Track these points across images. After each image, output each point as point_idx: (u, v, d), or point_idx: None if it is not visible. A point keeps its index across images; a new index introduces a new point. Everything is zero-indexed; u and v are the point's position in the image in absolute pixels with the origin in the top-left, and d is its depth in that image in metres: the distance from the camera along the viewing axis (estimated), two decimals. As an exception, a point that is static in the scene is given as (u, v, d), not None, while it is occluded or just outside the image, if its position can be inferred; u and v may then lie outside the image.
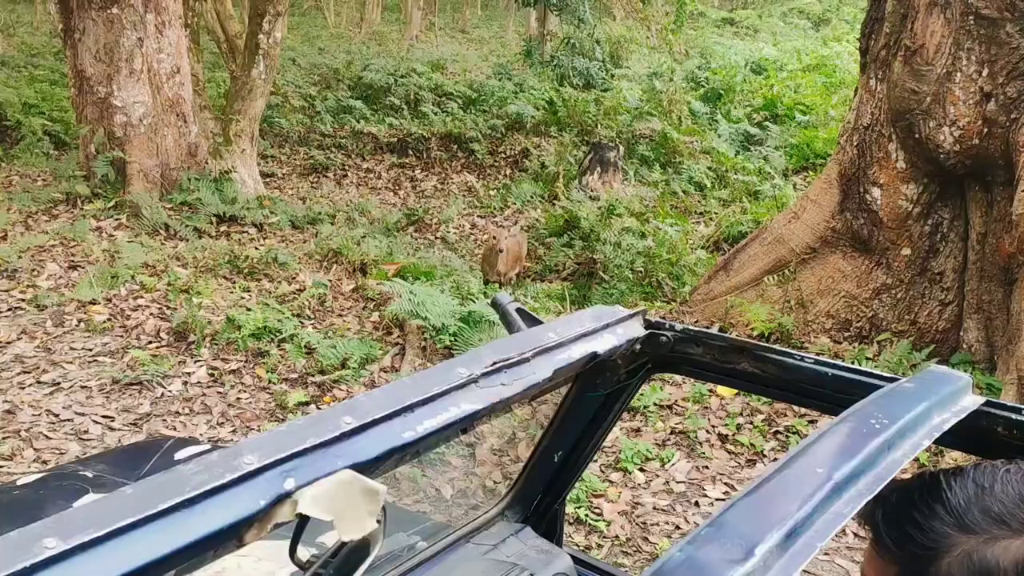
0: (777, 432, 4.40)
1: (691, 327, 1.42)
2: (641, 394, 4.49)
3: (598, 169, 9.25)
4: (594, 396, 1.52)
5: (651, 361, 1.48)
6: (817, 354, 5.03)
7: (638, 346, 1.42)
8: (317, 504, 0.92)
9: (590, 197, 8.71)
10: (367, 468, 0.99)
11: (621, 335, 1.38)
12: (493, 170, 10.66)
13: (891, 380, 1.19)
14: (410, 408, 1.07)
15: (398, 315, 5.39)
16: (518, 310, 1.42)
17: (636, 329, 1.42)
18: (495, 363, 1.18)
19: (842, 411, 1.06)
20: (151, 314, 5.61)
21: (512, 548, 1.65)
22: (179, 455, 2.23)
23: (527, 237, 7.77)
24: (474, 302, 5.59)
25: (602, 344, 1.33)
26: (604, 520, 3.74)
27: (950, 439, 1.09)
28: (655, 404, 4.62)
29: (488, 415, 1.18)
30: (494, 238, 6.86)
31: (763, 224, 6.32)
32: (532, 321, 1.40)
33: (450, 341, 5.11)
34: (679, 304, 6.08)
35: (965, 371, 4.70)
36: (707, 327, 5.60)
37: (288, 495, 0.90)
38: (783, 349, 1.35)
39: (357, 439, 0.99)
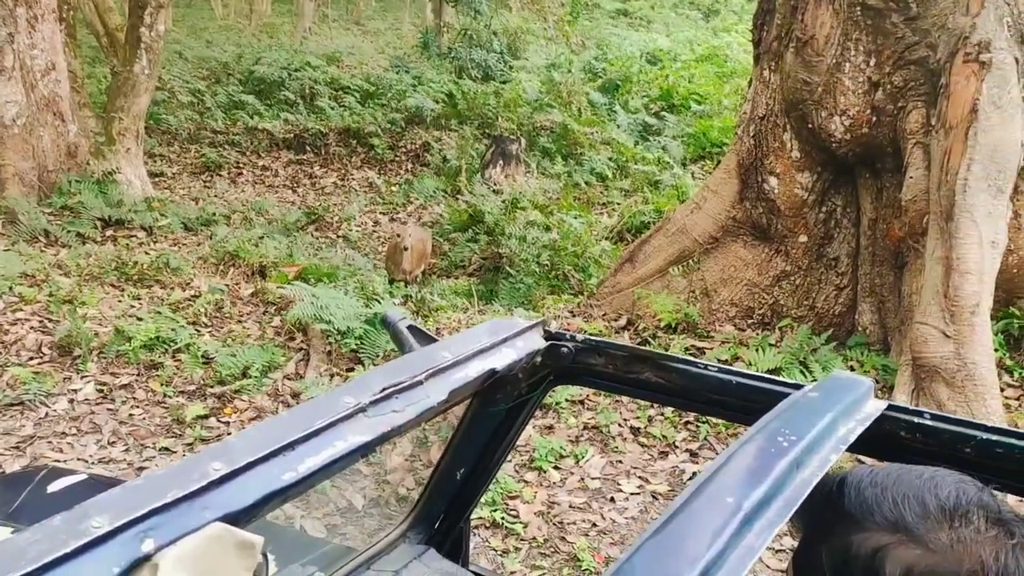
0: (688, 423, 4.44)
1: (592, 337, 1.37)
2: (553, 391, 4.46)
3: (500, 162, 9.21)
4: (495, 411, 1.45)
5: (552, 373, 1.42)
6: (722, 342, 5.11)
7: (538, 359, 1.36)
8: (182, 565, 0.82)
9: (493, 191, 8.66)
10: (241, 518, 0.90)
11: (520, 348, 1.32)
12: (394, 165, 10.48)
13: (796, 387, 1.17)
14: (290, 446, 0.97)
15: (301, 319, 5.21)
16: (410, 327, 1.34)
17: (536, 341, 1.35)
18: (385, 389, 1.10)
19: (747, 419, 1.02)
20: (31, 328, 5.26)
21: (415, 572, 1.57)
22: (52, 487, 2.06)
23: (431, 233, 7.66)
24: (379, 303, 5.45)
25: (500, 360, 1.27)
26: (521, 522, 3.69)
27: (854, 445, 1.07)
28: (567, 400, 4.60)
29: (380, 445, 1.09)
30: (398, 235, 6.72)
31: (666, 215, 6.38)
32: (425, 339, 1.32)
33: (356, 345, 4.98)
34: (587, 297, 6.09)
35: (861, 353, 4.84)
36: (615, 319, 5.62)
37: (147, 559, 0.80)
38: (686, 358, 1.31)
39: (228, 486, 0.90)
